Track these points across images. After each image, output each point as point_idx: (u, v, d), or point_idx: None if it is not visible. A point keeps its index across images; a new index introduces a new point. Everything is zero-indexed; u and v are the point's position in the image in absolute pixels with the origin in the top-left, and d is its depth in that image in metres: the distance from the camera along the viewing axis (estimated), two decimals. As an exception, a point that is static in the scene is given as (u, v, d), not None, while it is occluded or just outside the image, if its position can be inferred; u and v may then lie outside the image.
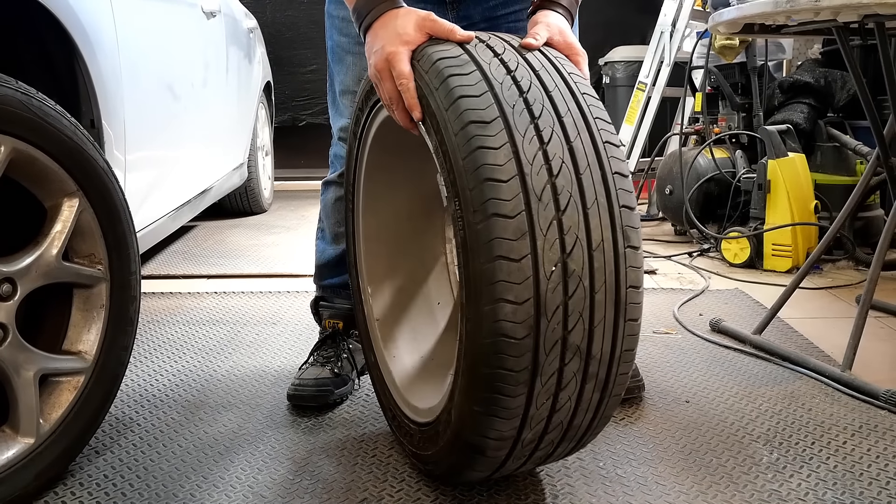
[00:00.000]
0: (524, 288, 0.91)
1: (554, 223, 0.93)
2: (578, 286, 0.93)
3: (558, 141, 0.96)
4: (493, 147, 0.94)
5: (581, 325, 0.95)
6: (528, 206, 0.92)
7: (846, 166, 2.97)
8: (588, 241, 0.94)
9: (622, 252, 0.97)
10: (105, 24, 1.63)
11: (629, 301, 0.98)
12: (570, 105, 1.01)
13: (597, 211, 0.96)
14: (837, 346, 1.80)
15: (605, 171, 0.98)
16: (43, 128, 1.14)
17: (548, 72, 1.03)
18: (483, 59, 1.02)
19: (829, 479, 1.26)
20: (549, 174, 0.94)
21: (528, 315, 0.91)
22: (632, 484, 1.24)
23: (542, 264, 0.92)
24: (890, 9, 1.53)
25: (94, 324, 1.27)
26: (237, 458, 1.34)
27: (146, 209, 2.01)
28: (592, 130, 1.00)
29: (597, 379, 0.99)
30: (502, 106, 0.96)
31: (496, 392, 0.95)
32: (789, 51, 3.77)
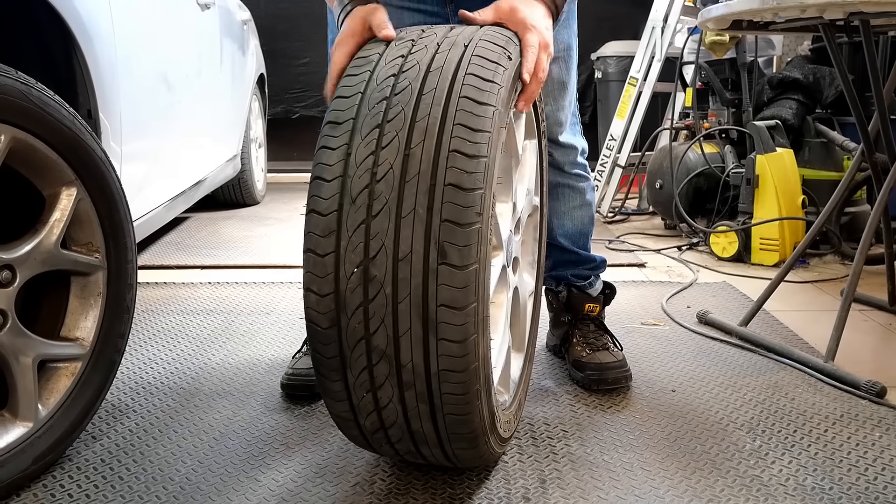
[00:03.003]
0: (326, 282, 0.96)
1: (362, 227, 0.95)
2: (380, 292, 0.94)
3: (396, 147, 0.96)
4: (330, 147, 0.99)
5: (384, 330, 0.96)
6: (341, 207, 0.96)
7: (833, 162, 3.01)
8: (395, 251, 0.94)
9: (433, 268, 0.93)
10: (102, 15, 1.65)
11: (441, 319, 0.94)
12: (435, 110, 0.98)
13: (411, 221, 0.94)
14: (821, 337, 1.84)
15: (436, 182, 0.94)
16: (42, 118, 1.16)
17: (441, 73, 1.01)
18: (388, 57, 1.05)
19: (809, 465, 1.29)
20: (372, 178, 0.96)
21: (329, 308, 0.97)
22: (618, 469, 1.27)
23: (343, 264, 0.95)
24: (874, 7, 1.56)
25: (92, 311, 1.29)
26: (232, 444, 1.36)
27: (141, 199, 2.02)
28: (443, 137, 0.96)
29: (416, 389, 0.99)
30: (361, 108, 1.00)
31: (318, 372, 1.03)
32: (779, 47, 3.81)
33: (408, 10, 1.46)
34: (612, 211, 3.72)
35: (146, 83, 2.04)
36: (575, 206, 1.66)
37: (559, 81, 1.53)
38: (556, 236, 1.66)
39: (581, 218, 1.68)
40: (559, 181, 1.63)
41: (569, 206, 1.66)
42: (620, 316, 2.09)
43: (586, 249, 1.72)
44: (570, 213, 1.66)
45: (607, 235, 3.29)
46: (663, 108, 4.06)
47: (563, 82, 1.54)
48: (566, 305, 1.72)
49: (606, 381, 1.58)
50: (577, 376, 1.62)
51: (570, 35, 1.55)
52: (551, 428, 1.42)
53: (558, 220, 1.66)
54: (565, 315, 1.73)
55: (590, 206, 1.69)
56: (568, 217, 1.66)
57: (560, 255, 1.70)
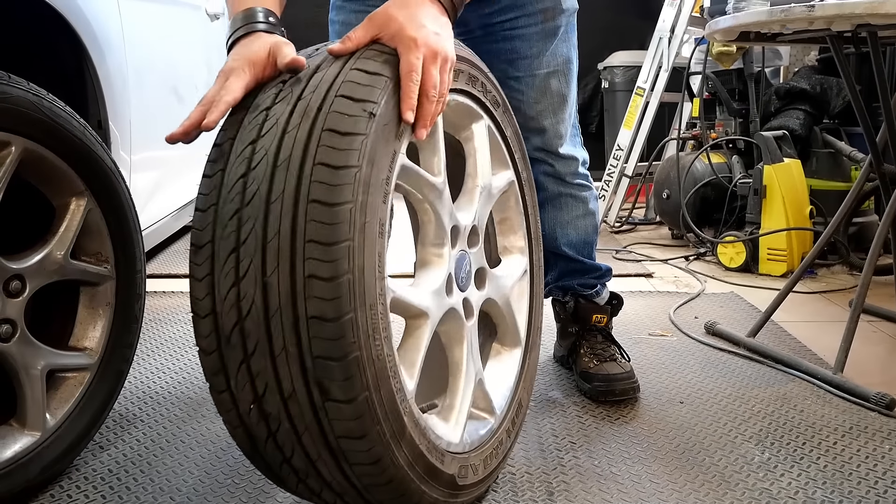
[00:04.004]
0: (233, 416, 0.93)
1: (243, 367, 0.89)
2: (281, 426, 0.91)
3: (253, 276, 0.87)
4: (196, 278, 0.91)
5: (298, 456, 0.94)
6: (220, 346, 0.90)
7: (841, 172, 3.00)
8: (279, 390, 0.89)
9: (319, 405, 0.87)
10: (113, 26, 1.66)
11: (346, 448, 0.90)
12: (285, 223, 0.86)
13: (285, 360, 0.87)
14: (830, 349, 1.83)
15: (297, 316, 0.85)
16: (53, 129, 1.17)
17: (288, 168, 0.87)
18: (237, 147, 0.92)
19: (818, 478, 1.28)
20: (239, 315, 0.88)
21: (245, 440, 0.95)
22: (626, 482, 1.27)
23: (239, 401, 0.92)
24: (882, 19, 1.56)
25: (100, 321, 1.30)
26: (239, 455, 1.36)
27: (150, 209, 2.03)
28: (296, 262, 0.85)
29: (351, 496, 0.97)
30: (216, 227, 0.90)
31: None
32: (786, 57, 3.81)
33: None
34: (620, 221, 3.72)
35: (156, 94, 2.05)
36: (578, 215, 1.66)
37: (559, 94, 1.53)
38: (560, 246, 1.66)
39: (584, 227, 1.68)
40: (561, 191, 1.63)
41: (572, 216, 1.66)
42: (628, 326, 2.08)
43: (591, 258, 1.72)
44: (574, 223, 1.66)
45: (614, 245, 3.29)
46: (670, 118, 4.06)
47: (563, 95, 1.54)
48: (574, 316, 1.72)
49: (614, 392, 1.58)
50: (585, 387, 1.62)
51: (570, 48, 1.55)
52: (559, 439, 1.42)
53: (562, 230, 1.66)
54: (573, 326, 1.73)
55: (593, 216, 1.69)
56: (571, 227, 1.66)
57: (565, 265, 1.70)
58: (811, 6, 1.63)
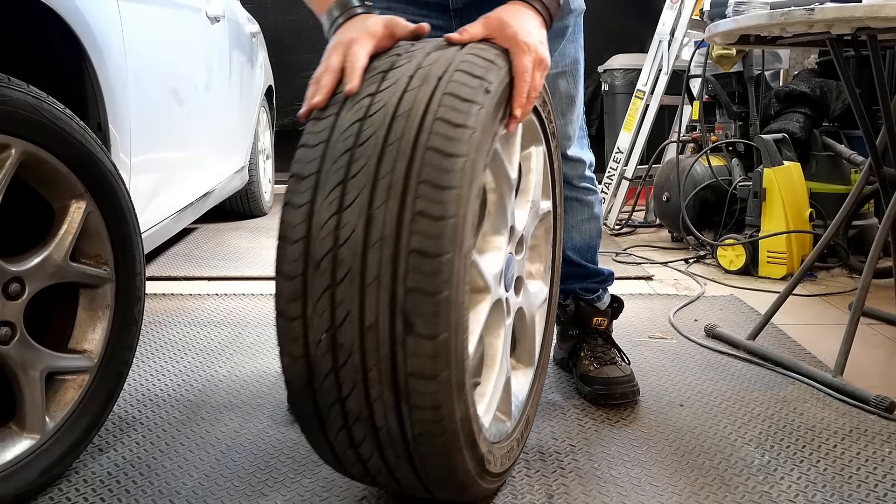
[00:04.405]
0: (297, 346, 0.94)
1: (327, 294, 0.90)
2: (349, 360, 0.91)
3: (359, 207, 0.90)
4: (294, 204, 0.94)
5: (357, 394, 0.94)
6: (305, 272, 0.91)
7: (841, 175, 3.00)
8: (361, 319, 0.90)
9: (399, 339, 0.89)
10: (113, 28, 1.66)
11: (412, 388, 0.91)
12: (400, 165, 0.91)
13: (376, 289, 0.89)
14: (829, 351, 1.83)
15: (398, 249, 0.88)
16: (53, 131, 1.17)
17: (408, 118, 0.93)
18: (356, 97, 0.98)
19: (818, 481, 1.28)
20: (335, 243, 0.90)
21: (302, 371, 0.95)
22: (626, 485, 1.27)
23: (311, 329, 0.92)
24: (882, 22, 1.57)
25: (100, 323, 1.30)
26: (238, 458, 1.36)
27: (150, 211, 2.03)
28: (406, 199, 0.89)
29: (394, 448, 0.98)
30: (324, 161, 0.94)
31: (303, 428, 1.03)
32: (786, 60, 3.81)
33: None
34: (619, 223, 3.72)
35: (156, 96, 2.05)
36: (583, 219, 1.66)
37: (567, 96, 1.54)
38: (564, 249, 1.66)
39: (589, 231, 1.68)
40: (567, 195, 1.63)
41: (577, 220, 1.66)
42: (628, 329, 2.08)
43: (594, 263, 1.72)
44: (579, 227, 1.66)
45: (614, 248, 3.29)
46: (670, 120, 4.06)
47: (572, 96, 1.55)
48: (574, 319, 1.72)
49: (614, 395, 1.58)
50: (585, 390, 1.62)
51: (577, 49, 1.55)
52: (559, 442, 1.42)
53: (566, 234, 1.66)
54: (573, 329, 1.72)
55: (597, 220, 1.69)
56: (576, 230, 1.66)
57: (568, 269, 1.70)
58: (811, 10, 1.63)
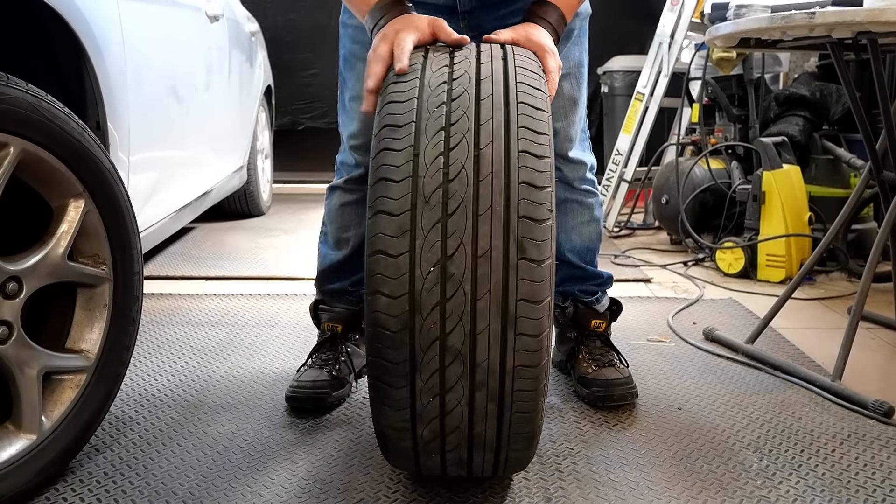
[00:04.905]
0: (399, 284, 0.95)
1: (438, 226, 0.95)
2: (458, 290, 0.94)
3: (465, 147, 0.98)
4: (395, 149, 0.99)
5: (461, 329, 0.95)
6: (415, 206, 0.96)
7: (840, 179, 3.00)
8: (474, 248, 0.94)
9: (513, 263, 0.95)
10: (112, 27, 1.66)
11: (520, 314, 0.95)
12: (497, 114, 1.01)
13: (489, 218, 0.95)
14: (828, 356, 1.83)
15: (510, 180, 0.97)
16: (52, 130, 1.16)
17: (493, 81, 1.05)
18: (432, 67, 1.08)
19: (817, 486, 1.28)
20: (445, 178, 0.96)
21: (402, 310, 0.95)
22: (624, 488, 1.26)
23: (418, 263, 0.94)
24: (883, 26, 1.56)
25: (97, 323, 1.29)
26: (235, 458, 1.35)
27: (148, 210, 2.03)
28: (511, 139, 1.00)
29: (488, 388, 0.98)
30: (420, 112, 1.01)
31: (380, 381, 1.00)
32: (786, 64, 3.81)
33: None
34: (618, 225, 3.72)
35: (155, 95, 2.05)
36: (583, 221, 1.66)
37: (570, 98, 1.53)
38: (563, 251, 1.66)
39: (588, 234, 1.68)
40: (568, 196, 1.63)
41: (577, 222, 1.66)
42: (626, 332, 2.08)
43: (593, 265, 1.72)
44: (578, 229, 1.66)
45: (613, 250, 3.29)
46: (669, 123, 4.06)
47: (575, 98, 1.54)
48: (572, 321, 1.72)
49: (612, 397, 1.57)
50: (583, 393, 1.62)
51: (582, 52, 1.55)
52: (556, 445, 1.41)
53: (566, 236, 1.66)
54: (571, 331, 1.72)
55: (597, 222, 1.69)
56: (576, 233, 1.66)
57: (567, 271, 1.69)
58: (812, 13, 1.63)
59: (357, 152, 1.57)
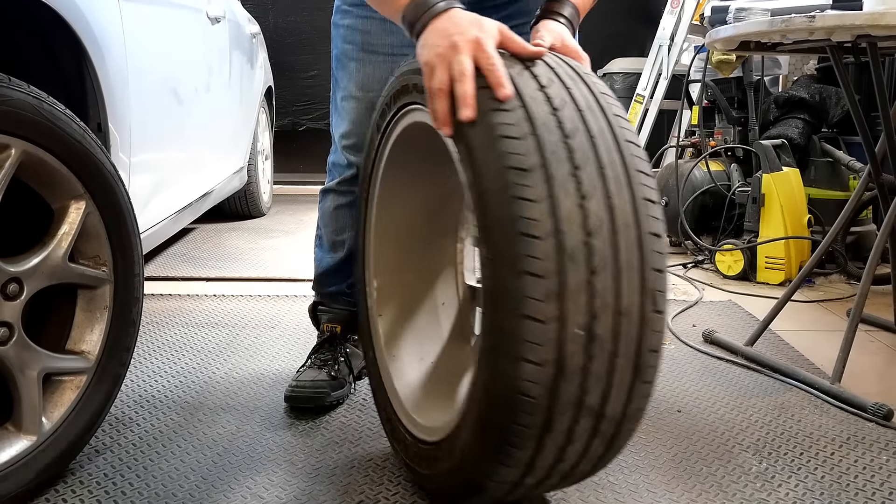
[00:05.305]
0: (547, 350, 0.89)
1: (585, 286, 0.89)
2: (601, 351, 0.91)
3: (600, 197, 0.92)
4: (530, 199, 0.89)
5: (598, 387, 0.93)
6: (562, 266, 0.89)
7: (839, 181, 3.00)
8: (617, 306, 0.91)
9: (648, 317, 0.93)
10: (114, 28, 1.66)
11: (647, 364, 0.95)
12: (614, 155, 0.95)
13: (628, 274, 0.92)
14: (827, 358, 1.83)
15: (641, 232, 0.93)
16: (53, 131, 1.17)
17: (592, 112, 0.98)
18: (526, 92, 0.96)
19: (816, 489, 1.28)
20: (586, 233, 0.90)
21: (547, 377, 0.90)
22: (623, 491, 1.27)
23: (567, 327, 0.89)
24: (882, 30, 1.57)
25: (98, 324, 1.29)
26: (235, 459, 1.36)
27: (149, 211, 2.03)
28: (633, 186, 0.95)
29: (605, 435, 0.98)
30: (544, 152, 0.91)
31: (506, 444, 0.95)
32: (785, 66, 3.82)
33: None
34: (618, 227, 3.72)
35: (156, 96, 2.05)
36: None
37: None
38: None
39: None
40: None
41: None
42: (626, 334, 2.08)
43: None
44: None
45: (612, 252, 3.28)
46: (669, 125, 4.07)
47: None
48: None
49: (612, 400, 1.57)
50: (583, 395, 1.61)
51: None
52: (556, 447, 1.42)
53: None
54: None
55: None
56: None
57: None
58: (811, 17, 1.64)
59: (349, 152, 1.58)
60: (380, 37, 1.50)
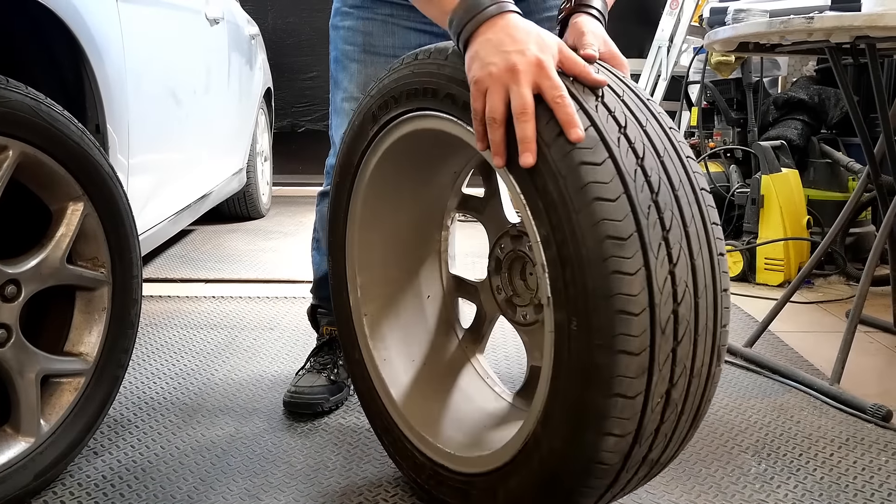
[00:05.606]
0: (630, 422, 0.88)
1: (670, 356, 0.88)
2: (673, 413, 0.92)
3: (685, 261, 0.88)
4: (628, 272, 0.84)
5: (663, 443, 0.94)
6: (653, 341, 0.86)
7: (838, 182, 3.01)
8: (692, 369, 0.91)
9: (713, 373, 0.94)
10: (112, 30, 1.66)
11: (703, 412, 0.97)
12: (694, 209, 0.91)
13: (704, 337, 0.91)
14: (827, 359, 1.83)
15: (717, 292, 0.91)
16: (51, 133, 1.17)
17: (670, 157, 0.92)
18: (611, 137, 0.87)
19: (815, 489, 1.28)
20: (675, 302, 0.87)
21: (626, 445, 0.90)
22: (622, 492, 1.26)
23: (651, 399, 0.88)
24: (880, 31, 1.57)
25: (96, 326, 1.29)
26: (233, 461, 1.35)
27: (148, 213, 2.03)
28: (711, 243, 0.91)
29: (651, 476, 1.01)
30: (637, 216, 0.85)
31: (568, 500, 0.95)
32: (784, 67, 3.82)
33: (415, 31, 1.46)
34: (617, 228, 3.72)
35: (154, 97, 2.05)
36: None
37: None
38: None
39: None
40: None
41: None
42: (625, 335, 2.08)
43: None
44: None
45: (611, 253, 3.28)
46: (668, 126, 4.07)
47: None
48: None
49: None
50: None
51: None
52: (555, 449, 1.41)
53: None
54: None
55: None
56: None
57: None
58: (810, 18, 1.64)
59: None
60: (381, 38, 1.49)
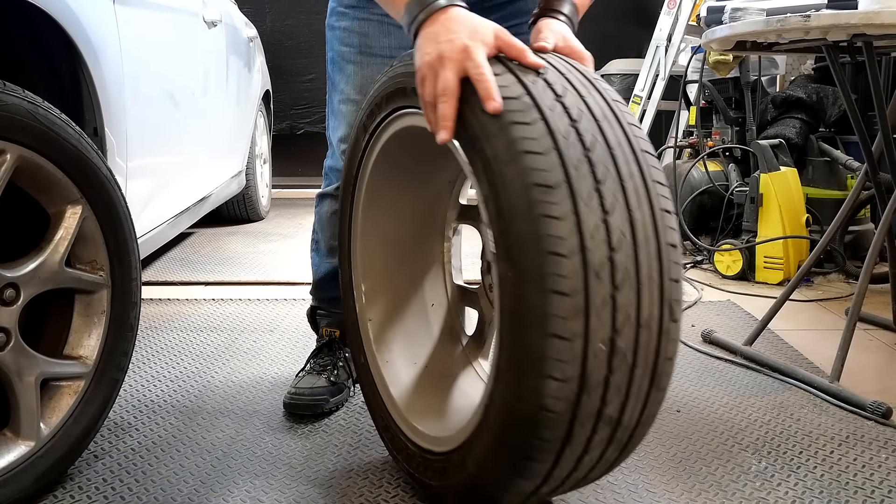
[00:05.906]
0: (572, 366, 0.89)
1: (609, 302, 0.89)
2: (622, 363, 0.91)
3: (621, 211, 0.91)
4: (556, 216, 0.88)
5: (618, 397, 0.93)
6: (587, 283, 0.88)
7: (837, 181, 3.01)
8: (637, 319, 0.91)
9: (666, 327, 0.94)
10: (109, 33, 1.66)
11: (663, 372, 0.96)
12: (633, 167, 0.94)
13: (649, 287, 0.92)
14: (826, 357, 1.83)
15: (660, 244, 0.93)
16: (49, 137, 1.17)
17: (609, 121, 0.96)
18: (544, 103, 0.93)
19: (815, 487, 1.28)
20: (609, 248, 0.89)
21: (571, 392, 0.90)
22: (623, 491, 1.26)
23: (592, 343, 0.89)
24: (877, 29, 1.57)
25: (95, 329, 1.29)
26: (234, 464, 1.35)
27: (146, 216, 2.03)
28: (652, 198, 0.94)
29: (620, 442, 0.99)
30: (567, 167, 0.90)
31: (526, 458, 0.95)
32: (782, 66, 3.82)
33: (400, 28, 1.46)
34: (616, 228, 3.72)
35: (153, 100, 2.05)
36: None
37: None
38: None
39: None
40: None
41: None
42: (624, 335, 2.08)
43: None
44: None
45: (611, 253, 3.29)
46: (667, 126, 4.07)
47: None
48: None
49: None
50: (582, 396, 1.61)
51: None
52: (555, 448, 1.41)
53: None
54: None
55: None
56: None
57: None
58: (807, 16, 1.64)
59: None
60: (377, 38, 1.49)
